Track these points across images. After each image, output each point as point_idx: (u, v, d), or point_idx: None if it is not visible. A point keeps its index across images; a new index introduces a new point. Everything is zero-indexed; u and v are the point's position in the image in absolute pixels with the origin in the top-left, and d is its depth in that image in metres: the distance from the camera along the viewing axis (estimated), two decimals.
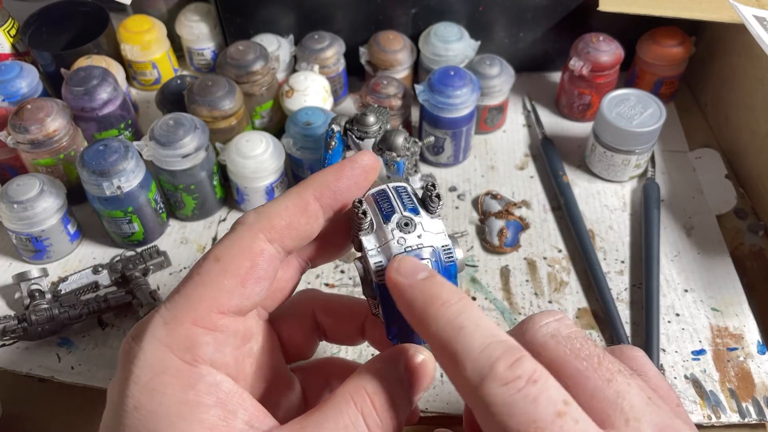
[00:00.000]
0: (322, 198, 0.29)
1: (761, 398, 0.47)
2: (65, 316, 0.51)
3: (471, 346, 0.24)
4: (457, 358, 0.24)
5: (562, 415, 0.22)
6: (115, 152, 0.52)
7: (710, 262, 0.55)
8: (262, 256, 0.27)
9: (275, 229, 0.28)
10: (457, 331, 0.24)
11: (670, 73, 0.67)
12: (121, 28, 0.70)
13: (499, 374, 0.23)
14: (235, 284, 0.26)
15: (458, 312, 0.25)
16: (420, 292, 0.26)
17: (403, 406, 0.26)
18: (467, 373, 0.23)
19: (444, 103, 0.58)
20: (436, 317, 0.25)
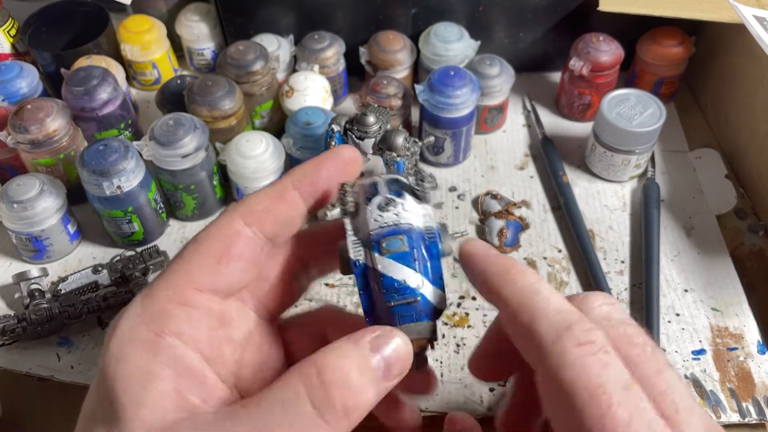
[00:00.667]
0: (301, 186, 0.30)
1: (761, 398, 0.47)
2: (65, 315, 0.51)
3: (547, 308, 0.25)
4: (534, 316, 0.25)
5: (629, 388, 0.23)
6: (115, 152, 0.52)
7: (710, 262, 0.55)
8: (239, 237, 0.28)
9: (252, 213, 0.29)
10: (533, 293, 0.26)
11: (670, 73, 0.67)
12: (121, 28, 0.70)
13: (575, 334, 0.24)
14: (210, 262, 0.27)
15: (535, 280, 0.26)
16: (495, 260, 0.28)
17: (364, 387, 0.24)
18: (542, 330, 0.24)
19: (444, 103, 0.58)
20: (514, 281, 0.26)
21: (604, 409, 0.22)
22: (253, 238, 0.29)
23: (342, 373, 0.24)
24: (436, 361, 0.49)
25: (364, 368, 0.25)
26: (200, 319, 0.27)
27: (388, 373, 0.25)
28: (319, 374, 0.24)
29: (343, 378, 0.24)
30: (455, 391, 0.47)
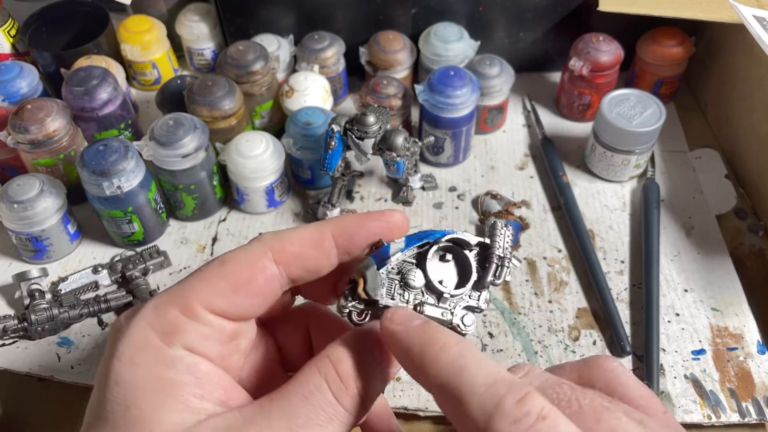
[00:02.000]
0: (339, 238, 0.29)
1: (761, 398, 0.47)
2: (65, 315, 0.51)
3: (475, 384, 0.23)
4: (461, 398, 0.23)
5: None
6: (115, 152, 0.52)
7: (710, 262, 0.55)
8: (263, 273, 0.28)
9: (284, 252, 0.28)
10: (458, 371, 0.24)
11: (670, 73, 0.67)
12: (121, 28, 0.70)
13: (507, 411, 0.22)
14: (227, 288, 0.27)
15: (458, 354, 0.25)
16: (417, 337, 0.26)
17: (373, 374, 0.26)
18: (473, 412, 0.23)
19: (444, 103, 0.58)
20: (436, 360, 0.25)
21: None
22: (277, 277, 0.28)
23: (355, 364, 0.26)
24: None
25: (375, 359, 0.27)
26: (210, 334, 0.27)
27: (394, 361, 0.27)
28: (337, 368, 0.26)
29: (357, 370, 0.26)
30: None
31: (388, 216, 0.30)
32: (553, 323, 0.52)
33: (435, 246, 0.29)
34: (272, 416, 0.24)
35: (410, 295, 0.29)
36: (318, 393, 0.25)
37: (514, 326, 0.52)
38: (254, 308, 0.28)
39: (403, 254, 0.29)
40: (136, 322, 0.26)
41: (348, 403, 0.25)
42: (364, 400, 0.26)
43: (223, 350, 0.28)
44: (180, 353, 0.26)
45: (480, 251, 0.30)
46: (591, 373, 0.28)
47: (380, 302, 0.28)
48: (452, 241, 0.30)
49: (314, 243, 0.29)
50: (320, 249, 0.29)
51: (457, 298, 0.29)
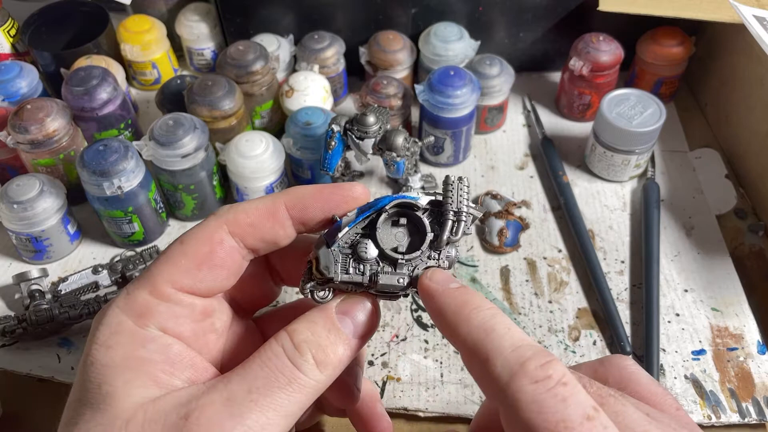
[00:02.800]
0: (293, 209, 0.30)
1: (761, 398, 0.47)
2: (65, 316, 0.51)
3: (502, 346, 0.25)
4: (488, 355, 0.25)
5: (592, 419, 0.22)
6: (115, 152, 0.52)
7: (710, 262, 0.55)
8: (221, 246, 0.29)
9: (239, 224, 0.29)
10: (488, 332, 0.25)
11: (670, 73, 0.67)
12: (121, 28, 0.70)
13: (530, 372, 0.23)
14: (191, 266, 0.28)
15: (490, 316, 0.26)
16: (452, 298, 0.27)
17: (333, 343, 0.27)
18: (497, 370, 0.24)
19: (444, 103, 0.58)
20: (469, 320, 0.26)
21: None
22: (236, 248, 0.29)
23: (311, 333, 0.27)
24: (436, 361, 0.49)
25: (331, 328, 0.28)
26: (183, 313, 0.28)
27: (357, 328, 0.28)
28: (292, 337, 0.27)
29: (312, 337, 0.27)
30: (455, 391, 0.47)
31: (346, 189, 0.31)
32: (553, 323, 0.52)
33: (383, 214, 0.29)
34: (232, 381, 0.25)
35: (365, 267, 0.29)
36: (275, 358, 0.26)
37: None
38: (220, 281, 0.29)
39: (354, 227, 0.29)
40: (110, 308, 0.27)
41: (305, 367, 0.26)
42: (321, 365, 0.27)
43: (196, 328, 0.29)
44: (153, 333, 0.27)
45: (434, 209, 0.30)
46: (606, 371, 0.29)
47: (336, 279, 0.28)
48: (400, 205, 0.29)
49: (267, 214, 0.29)
50: (274, 219, 0.29)
51: (414, 261, 0.29)
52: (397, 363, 0.49)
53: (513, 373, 0.24)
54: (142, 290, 0.28)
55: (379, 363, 0.49)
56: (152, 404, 0.25)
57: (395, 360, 0.49)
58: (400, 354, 0.50)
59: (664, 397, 0.27)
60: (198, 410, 0.24)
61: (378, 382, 0.48)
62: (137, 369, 0.26)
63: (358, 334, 0.28)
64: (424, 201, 0.29)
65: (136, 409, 0.25)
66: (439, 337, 0.50)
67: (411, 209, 0.29)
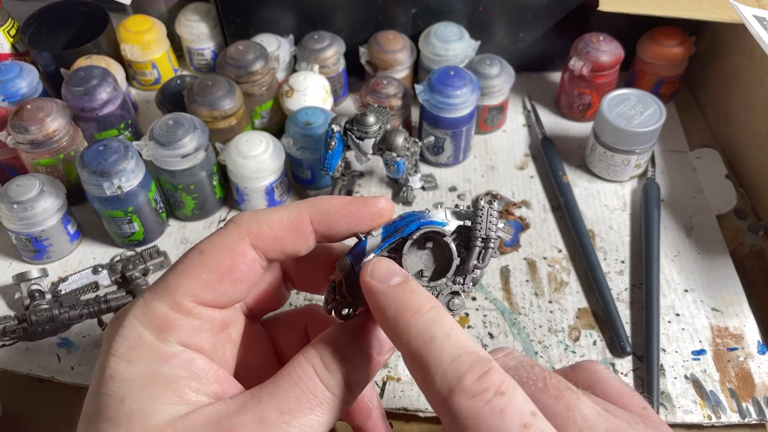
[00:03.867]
0: (318, 223, 0.29)
1: (761, 398, 0.47)
2: (65, 316, 0.51)
3: (441, 358, 0.24)
4: (428, 369, 0.24)
5: (529, 426, 0.22)
6: (115, 152, 0.52)
7: (710, 262, 0.55)
8: (243, 259, 0.28)
9: (262, 237, 0.28)
10: (427, 342, 0.25)
11: (670, 73, 0.67)
12: (121, 28, 0.70)
13: (466, 387, 0.23)
14: (212, 279, 0.27)
15: (430, 321, 0.25)
16: (392, 300, 0.26)
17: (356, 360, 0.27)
18: (437, 385, 0.24)
19: (444, 103, 0.58)
20: (408, 327, 0.25)
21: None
22: (257, 261, 0.28)
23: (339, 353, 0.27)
24: None
25: (359, 347, 0.28)
26: (202, 326, 0.27)
27: (382, 348, 0.28)
28: (322, 355, 0.27)
29: (341, 357, 0.27)
30: None
31: (372, 203, 0.30)
32: (554, 323, 0.52)
33: (409, 241, 0.29)
34: (263, 401, 0.25)
35: None
36: (306, 378, 0.26)
37: (515, 326, 0.52)
38: (240, 293, 0.28)
39: (380, 251, 0.29)
40: (128, 320, 0.26)
41: (334, 387, 0.26)
42: (350, 385, 0.27)
43: (215, 341, 0.28)
44: (175, 349, 0.26)
45: (461, 234, 0.29)
46: (576, 375, 0.29)
47: (359, 304, 0.28)
48: (428, 233, 0.29)
49: (292, 227, 0.29)
50: (298, 233, 0.29)
51: (440, 287, 0.29)
52: (397, 363, 0.49)
53: (451, 388, 0.23)
54: (161, 303, 0.27)
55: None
56: (181, 421, 0.24)
57: (395, 360, 0.49)
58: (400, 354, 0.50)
59: (631, 397, 0.27)
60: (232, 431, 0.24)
61: (378, 382, 0.48)
62: (164, 386, 0.25)
63: (383, 351, 0.28)
64: (452, 226, 0.29)
65: (165, 426, 0.24)
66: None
67: (438, 235, 0.29)
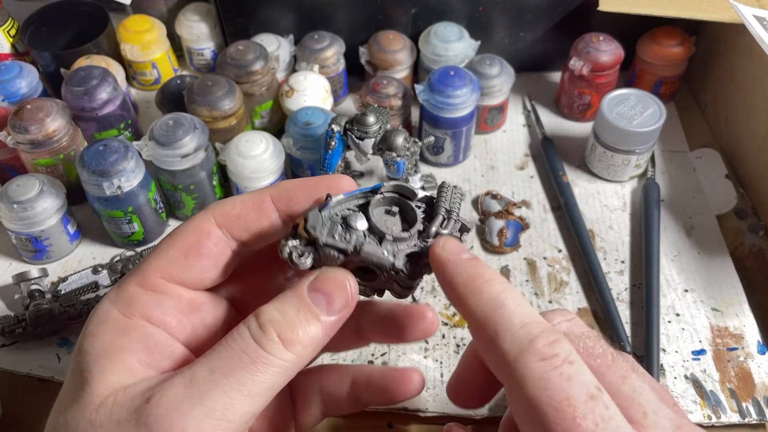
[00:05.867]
0: (279, 200, 0.30)
1: (761, 398, 0.47)
2: (65, 316, 0.51)
3: (511, 321, 0.25)
4: (497, 330, 0.25)
5: (595, 398, 0.23)
6: (115, 152, 0.52)
7: (710, 262, 0.55)
8: (208, 236, 0.29)
9: (225, 215, 0.29)
10: (498, 306, 0.25)
11: (670, 73, 0.67)
12: (121, 28, 0.70)
13: (537, 349, 0.24)
14: (178, 256, 0.29)
15: (501, 290, 0.26)
16: (463, 269, 0.27)
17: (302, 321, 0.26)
18: (506, 345, 0.24)
19: (444, 103, 0.58)
20: (479, 292, 0.26)
21: (570, 423, 0.22)
22: (223, 239, 0.30)
23: (278, 313, 0.26)
24: (436, 361, 0.49)
25: (301, 305, 0.27)
26: (169, 304, 0.28)
27: (331, 306, 0.27)
28: (258, 317, 0.26)
29: (280, 317, 0.26)
30: None
31: (332, 179, 0.31)
32: None
33: (380, 194, 0.29)
34: (196, 364, 0.25)
35: (351, 236, 0.28)
36: (239, 338, 0.26)
37: None
38: (208, 271, 0.29)
39: (347, 200, 0.29)
40: (102, 301, 0.28)
41: (270, 346, 0.25)
42: (290, 344, 0.26)
43: (183, 320, 0.29)
44: (137, 323, 0.28)
45: (427, 208, 0.30)
46: None
47: (320, 240, 0.28)
48: (397, 191, 0.30)
49: (253, 205, 0.30)
50: (260, 210, 0.30)
51: (400, 244, 0.29)
52: (397, 363, 0.49)
53: (521, 349, 0.24)
54: (131, 283, 0.28)
55: (379, 363, 0.49)
56: (123, 390, 0.25)
57: (395, 360, 0.49)
58: (400, 354, 0.50)
59: (663, 392, 0.28)
60: (159, 393, 0.24)
61: None
62: (114, 357, 0.26)
63: (333, 311, 0.27)
64: (419, 192, 0.30)
65: (108, 395, 0.25)
66: (439, 337, 0.50)
67: (406, 198, 0.30)
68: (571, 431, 0.22)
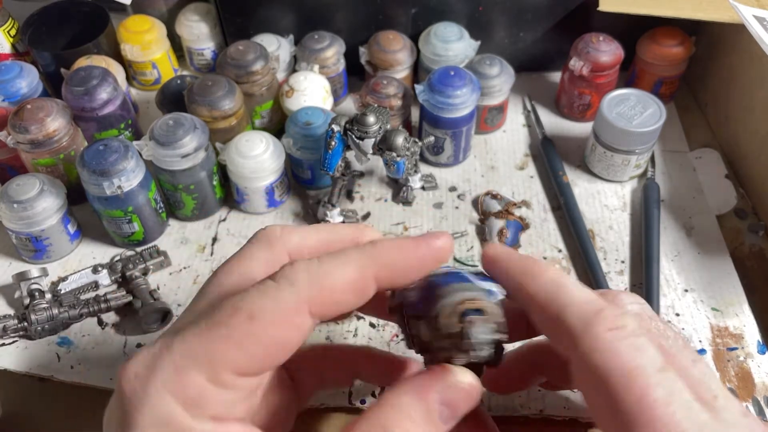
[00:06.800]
0: (381, 279, 0.26)
1: (761, 398, 0.47)
2: (65, 315, 0.51)
3: (575, 298, 0.25)
4: (561, 307, 0.25)
5: (665, 370, 0.23)
6: (115, 152, 0.52)
7: (710, 262, 0.55)
8: (300, 331, 0.25)
9: (324, 304, 0.25)
10: (559, 286, 0.26)
11: (670, 73, 0.67)
12: (121, 28, 0.70)
13: (606, 319, 0.24)
14: (261, 353, 0.24)
15: (558, 274, 0.27)
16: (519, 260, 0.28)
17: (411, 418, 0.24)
18: (572, 319, 0.24)
19: (444, 103, 0.58)
20: (538, 275, 0.27)
21: (641, 390, 0.22)
22: (312, 328, 0.25)
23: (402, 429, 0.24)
24: None
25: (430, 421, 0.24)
26: (237, 399, 0.25)
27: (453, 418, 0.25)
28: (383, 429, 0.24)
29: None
30: None
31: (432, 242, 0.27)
32: None
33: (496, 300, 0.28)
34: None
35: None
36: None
37: None
38: (281, 360, 0.26)
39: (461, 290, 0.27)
40: (155, 388, 0.23)
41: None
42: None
43: (248, 407, 0.26)
44: (207, 428, 0.23)
45: None
46: None
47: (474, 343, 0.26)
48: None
49: (356, 290, 0.26)
50: (361, 296, 0.26)
51: None
52: None
53: (588, 321, 0.24)
54: (197, 372, 0.23)
55: None
56: None
57: None
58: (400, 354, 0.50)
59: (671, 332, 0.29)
60: None
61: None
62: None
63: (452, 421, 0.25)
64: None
65: None
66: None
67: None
68: (642, 399, 0.22)
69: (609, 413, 0.23)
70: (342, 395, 0.46)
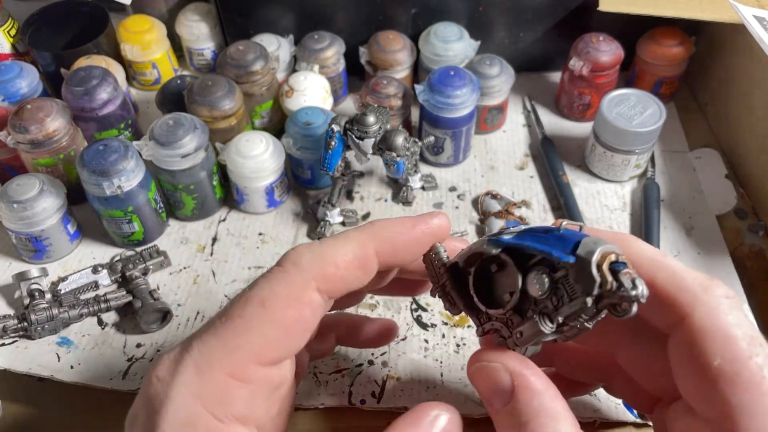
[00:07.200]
0: (382, 254, 0.27)
1: None
2: (65, 315, 0.51)
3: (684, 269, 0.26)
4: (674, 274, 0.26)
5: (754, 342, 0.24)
6: (115, 152, 0.52)
7: (710, 262, 0.55)
8: (310, 308, 0.25)
9: (329, 279, 0.26)
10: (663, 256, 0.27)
11: (670, 73, 0.67)
12: (121, 28, 0.70)
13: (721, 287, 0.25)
14: (280, 335, 0.24)
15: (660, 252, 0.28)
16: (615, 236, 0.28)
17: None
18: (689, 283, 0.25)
19: (444, 103, 0.58)
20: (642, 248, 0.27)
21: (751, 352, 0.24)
22: (323, 305, 0.26)
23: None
24: (436, 361, 0.49)
25: None
26: (260, 393, 0.25)
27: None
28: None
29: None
30: (455, 391, 0.47)
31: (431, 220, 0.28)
32: None
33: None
34: None
35: None
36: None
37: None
38: (301, 343, 0.26)
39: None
40: (177, 390, 0.23)
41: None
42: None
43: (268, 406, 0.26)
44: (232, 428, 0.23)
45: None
46: None
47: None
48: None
49: (359, 264, 0.26)
50: (365, 270, 0.27)
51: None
52: (397, 362, 0.49)
53: (706, 287, 0.25)
54: (219, 370, 0.23)
55: (379, 363, 0.49)
56: None
57: (395, 359, 0.49)
58: (400, 353, 0.50)
59: None
60: None
61: (378, 382, 0.48)
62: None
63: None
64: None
65: None
66: (439, 336, 0.50)
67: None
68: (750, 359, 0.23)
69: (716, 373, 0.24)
70: (342, 395, 0.46)
